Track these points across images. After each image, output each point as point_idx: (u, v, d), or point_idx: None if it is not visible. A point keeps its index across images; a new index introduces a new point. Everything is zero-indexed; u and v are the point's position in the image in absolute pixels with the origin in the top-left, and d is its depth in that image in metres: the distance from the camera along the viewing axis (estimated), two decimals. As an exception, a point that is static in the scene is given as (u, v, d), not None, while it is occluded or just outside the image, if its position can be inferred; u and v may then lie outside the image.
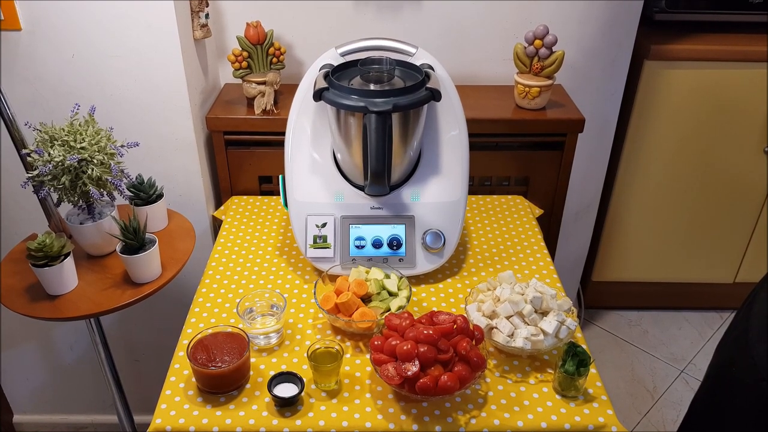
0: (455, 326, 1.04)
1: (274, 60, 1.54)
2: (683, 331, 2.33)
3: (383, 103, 1.13)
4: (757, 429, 0.99)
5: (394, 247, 1.28)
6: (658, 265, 2.23)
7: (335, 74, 1.24)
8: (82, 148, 1.18)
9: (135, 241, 1.21)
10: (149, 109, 1.44)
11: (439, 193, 1.30)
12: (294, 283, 1.30)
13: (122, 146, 1.24)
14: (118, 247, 1.23)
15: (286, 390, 1.02)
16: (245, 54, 1.51)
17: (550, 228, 1.70)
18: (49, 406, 1.96)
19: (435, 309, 1.19)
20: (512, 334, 1.10)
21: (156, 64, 1.38)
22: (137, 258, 1.21)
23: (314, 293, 1.18)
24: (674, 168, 2.01)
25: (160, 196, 1.38)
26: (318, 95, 1.17)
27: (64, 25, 1.32)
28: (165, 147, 1.49)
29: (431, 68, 1.25)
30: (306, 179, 1.31)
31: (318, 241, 1.28)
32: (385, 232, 1.28)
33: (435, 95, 1.17)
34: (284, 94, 1.60)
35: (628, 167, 2.01)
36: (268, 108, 1.50)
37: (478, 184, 1.66)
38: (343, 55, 1.28)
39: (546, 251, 1.41)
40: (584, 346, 1.09)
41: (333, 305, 1.15)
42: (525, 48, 1.52)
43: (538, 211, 1.58)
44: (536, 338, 1.09)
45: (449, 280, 1.31)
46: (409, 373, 0.98)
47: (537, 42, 1.50)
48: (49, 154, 1.16)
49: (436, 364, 1.00)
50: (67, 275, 1.21)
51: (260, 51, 1.52)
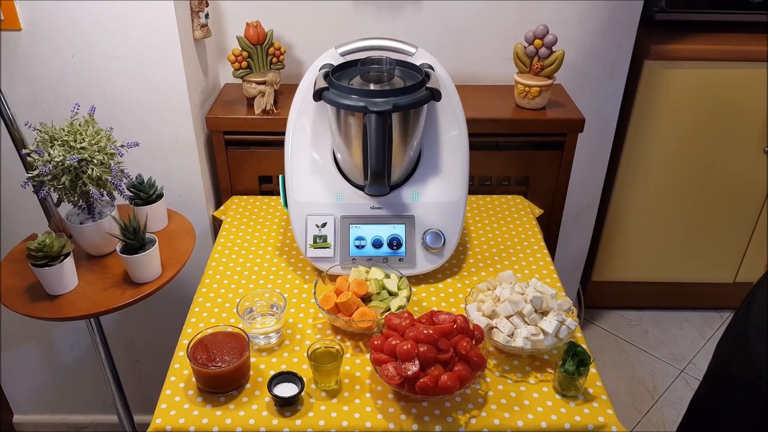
0: (455, 326, 1.04)
1: (274, 60, 1.54)
2: (683, 331, 2.33)
3: (383, 103, 1.13)
4: (756, 427, 1.00)
5: (394, 247, 1.28)
6: (658, 265, 2.23)
7: (335, 74, 1.24)
8: (82, 148, 1.18)
9: (135, 241, 1.21)
10: (149, 109, 1.44)
11: (439, 193, 1.30)
12: (294, 283, 1.30)
13: (122, 146, 1.24)
14: (118, 247, 1.23)
15: (286, 390, 1.02)
16: (245, 54, 1.51)
17: (550, 228, 1.70)
18: (49, 406, 1.96)
19: (435, 309, 1.20)
20: (512, 334, 1.10)
21: (156, 64, 1.38)
22: (137, 258, 1.21)
23: (314, 293, 1.18)
24: (674, 168, 2.01)
25: (160, 196, 1.38)
26: (318, 95, 1.17)
27: (64, 25, 1.32)
28: (165, 147, 1.49)
29: (431, 68, 1.25)
30: (306, 179, 1.31)
31: (318, 240, 1.28)
32: (385, 232, 1.28)
33: (435, 95, 1.17)
34: (284, 94, 1.60)
35: (628, 167, 2.01)
36: (268, 108, 1.50)
37: (478, 184, 1.66)
38: (343, 54, 1.28)
39: (546, 251, 1.41)
40: (584, 346, 1.09)
41: (333, 305, 1.15)
42: (525, 48, 1.52)
43: (538, 211, 1.58)
44: (536, 338, 1.09)
45: (449, 280, 1.31)
46: (409, 372, 0.98)
47: (537, 42, 1.50)
48: (49, 154, 1.16)
49: (436, 364, 1.00)
50: (67, 275, 1.21)
51: (260, 51, 1.52)
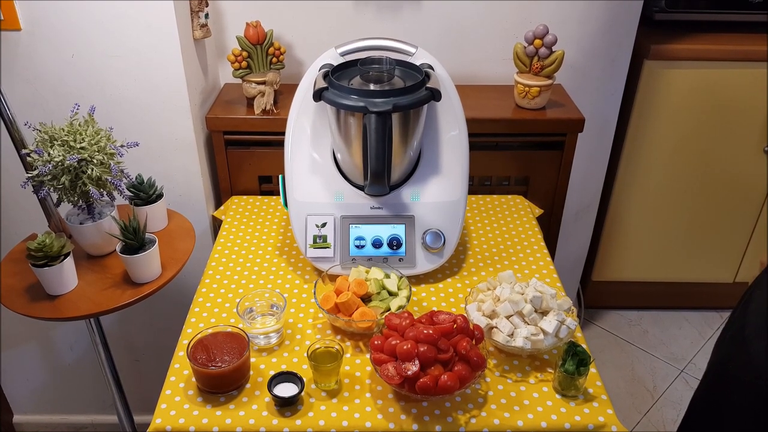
0: (455, 326, 1.04)
1: (274, 60, 1.54)
2: (683, 330, 2.33)
3: (383, 103, 1.13)
4: (755, 425, 1.00)
5: (394, 247, 1.28)
6: (658, 265, 2.23)
7: (335, 74, 1.24)
8: (82, 148, 1.18)
9: (135, 241, 1.21)
10: (149, 109, 1.44)
11: (439, 193, 1.30)
12: (294, 283, 1.30)
13: (122, 146, 1.24)
14: (118, 247, 1.23)
15: (286, 390, 1.02)
16: (245, 54, 1.51)
17: (550, 228, 1.70)
18: (49, 406, 1.96)
19: (435, 309, 1.20)
20: (512, 334, 1.10)
21: (156, 64, 1.38)
22: (137, 258, 1.21)
23: (314, 293, 1.18)
24: (674, 168, 2.01)
25: (160, 196, 1.38)
26: (318, 95, 1.17)
27: (63, 25, 1.32)
28: (165, 147, 1.49)
29: (431, 68, 1.25)
30: (306, 179, 1.31)
31: (318, 240, 1.28)
32: (385, 231, 1.28)
33: (435, 95, 1.17)
34: (284, 94, 1.60)
35: (628, 167, 2.01)
36: (267, 108, 1.50)
37: (478, 184, 1.66)
38: (343, 54, 1.28)
39: (546, 251, 1.41)
40: (584, 346, 1.09)
41: (333, 305, 1.15)
42: (525, 48, 1.52)
43: (538, 211, 1.58)
44: (536, 338, 1.08)
45: (449, 280, 1.31)
46: (409, 372, 0.98)
47: (537, 42, 1.50)
48: (49, 154, 1.16)
49: (436, 364, 1.00)
50: (67, 275, 1.21)
51: (260, 51, 1.52)
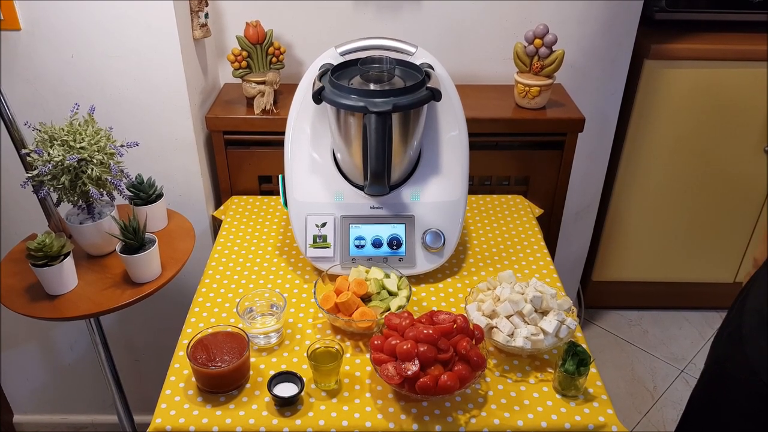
0: (455, 326, 1.04)
1: (274, 60, 1.54)
2: (683, 330, 2.33)
3: (383, 103, 1.13)
4: (753, 424, 1.00)
5: (394, 247, 1.28)
6: (658, 265, 2.23)
7: (335, 73, 1.24)
8: (82, 147, 1.18)
9: (135, 240, 1.21)
10: (149, 109, 1.44)
11: (439, 193, 1.30)
12: (294, 282, 1.30)
13: (122, 146, 1.24)
14: (117, 247, 1.23)
15: (286, 390, 1.02)
16: (245, 54, 1.51)
17: (550, 228, 1.70)
18: (49, 406, 1.96)
19: (435, 308, 1.20)
20: (512, 334, 1.10)
21: (155, 64, 1.38)
22: (137, 258, 1.21)
23: (314, 293, 1.18)
24: (674, 168, 2.01)
25: (160, 196, 1.38)
26: (317, 95, 1.17)
27: (63, 25, 1.32)
28: (165, 147, 1.49)
29: (431, 68, 1.25)
30: (306, 179, 1.30)
31: (318, 240, 1.28)
32: (384, 231, 1.28)
33: (435, 95, 1.17)
34: (284, 93, 1.60)
35: (628, 167, 2.01)
36: (267, 108, 1.50)
37: (478, 184, 1.66)
38: (343, 54, 1.28)
39: (546, 251, 1.41)
40: (584, 346, 1.09)
41: (333, 305, 1.15)
42: (525, 47, 1.52)
43: (538, 211, 1.58)
44: (536, 338, 1.08)
45: (449, 280, 1.31)
46: (409, 372, 0.98)
47: (537, 41, 1.50)
48: (49, 153, 1.16)
49: (436, 364, 1.00)
50: (66, 275, 1.21)
51: (260, 51, 1.52)
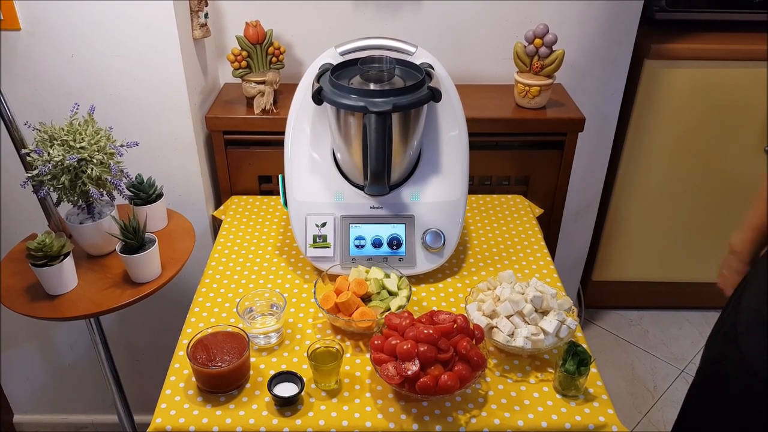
0: (455, 326, 1.04)
1: (274, 59, 1.54)
2: (683, 330, 2.33)
3: (383, 103, 1.13)
4: (749, 421, 1.00)
5: (394, 247, 1.28)
6: (658, 264, 2.23)
7: (335, 73, 1.24)
8: (82, 147, 1.18)
9: (135, 240, 1.21)
10: (149, 109, 1.43)
11: (439, 193, 1.29)
12: (294, 282, 1.30)
13: (122, 146, 1.24)
14: (117, 247, 1.23)
15: (286, 389, 1.02)
16: (245, 53, 1.51)
17: (550, 228, 1.70)
18: (49, 406, 1.96)
19: (435, 308, 1.20)
20: (512, 334, 1.10)
21: (155, 64, 1.38)
22: (137, 258, 1.21)
23: (314, 293, 1.18)
24: (674, 167, 2.01)
25: (160, 196, 1.38)
26: (317, 95, 1.17)
27: (63, 25, 1.32)
28: (164, 147, 1.49)
29: (431, 67, 1.25)
30: (306, 179, 1.30)
31: (318, 240, 1.28)
32: (384, 231, 1.28)
33: (435, 95, 1.17)
34: (284, 93, 1.60)
35: (629, 167, 2.01)
36: (267, 107, 1.50)
37: (478, 184, 1.66)
38: (343, 54, 1.28)
39: (546, 251, 1.41)
40: (584, 346, 1.09)
41: (333, 305, 1.15)
42: (525, 47, 1.52)
43: (538, 211, 1.58)
44: (536, 337, 1.08)
45: (449, 280, 1.31)
46: (409, 372, 0.98)
47: (537, 41, 1.50)
48: (49, 153, 1.16)
49: (436, 364, 1.00)
50: (66, 275, 1.21)
51: (260, 50, 1.51)
